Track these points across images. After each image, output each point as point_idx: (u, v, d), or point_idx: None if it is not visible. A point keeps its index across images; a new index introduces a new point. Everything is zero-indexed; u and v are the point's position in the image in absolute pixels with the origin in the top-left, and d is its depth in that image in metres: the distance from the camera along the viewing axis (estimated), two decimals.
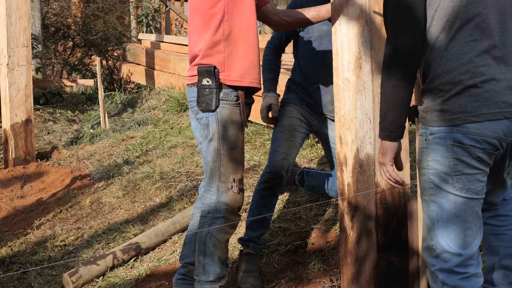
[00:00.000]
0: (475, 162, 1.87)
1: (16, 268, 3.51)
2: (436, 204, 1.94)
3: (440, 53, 1.88)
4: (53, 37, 10.41)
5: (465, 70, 1.84)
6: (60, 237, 3.86)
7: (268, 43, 3.19)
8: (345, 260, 2.46)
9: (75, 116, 7.21)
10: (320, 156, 4.14)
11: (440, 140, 1.89)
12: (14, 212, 4.39)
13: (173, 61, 6.89)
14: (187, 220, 3.57)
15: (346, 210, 2.43)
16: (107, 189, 4.60)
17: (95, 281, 3.22)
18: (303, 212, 3.45)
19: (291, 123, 3.03)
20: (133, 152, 5.42)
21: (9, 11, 5.31)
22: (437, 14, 1.88)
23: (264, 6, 2.71)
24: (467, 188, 1.89)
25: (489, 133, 1.84)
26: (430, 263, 1.98)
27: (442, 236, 1.92)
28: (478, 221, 1.94)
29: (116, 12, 10.91)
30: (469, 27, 1.85)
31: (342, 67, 2.37)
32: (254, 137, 4.82)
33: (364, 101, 2.30)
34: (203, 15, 2.48)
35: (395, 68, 1.89)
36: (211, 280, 2.51)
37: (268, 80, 3.12)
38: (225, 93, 2.48)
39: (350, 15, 2.30)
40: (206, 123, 2.49)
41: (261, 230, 2.99)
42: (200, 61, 2.49)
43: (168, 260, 3.29)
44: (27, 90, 5.45)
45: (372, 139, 2.29)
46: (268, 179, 2.96)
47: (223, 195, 2.48)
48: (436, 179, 1.92)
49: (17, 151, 5.37)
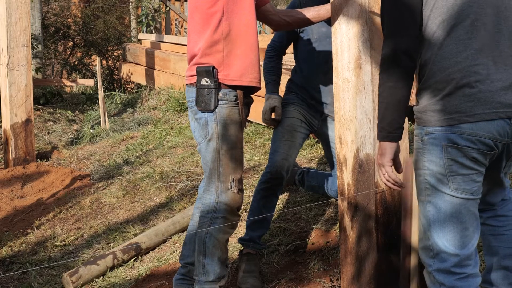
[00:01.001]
0: (470, 163, 1.87)
1: (16, 268, 3.52)
2: (432, 205, 1.94)
3: (435, 52, 1.88)
4: (53, 37, 10.41)
5: (459, 68, 1.84)
6: (60, 237, 3.86)
7: (269, 46, 3.19)
8: (345, 260, 2.46)
9: (75, 116, 7.21)
10: (320, 156, 4.14)
11: (435, 141, 1.89)
12: (14, 212, 4.39)
13: (173, 61, 6.89)
14: (187, 220, 3.57)
15: (346, 210, 2.43)
16: (107, 189, 4.60)
17: (95, 281, 3.23)
18: (303, 212, 3.45)
19: (292, 123, 3.04)
20: (133, 152, 5.42)
21: (9, 11, 5.31)
22: (433, 13, 1.88)
23: (263, 6, 2.71)
24: (462, 188, 1.89)
25: (484, 134, 1.83)
26: (427, 263, 1.98)
27: (439, 236, 1.93)
28: (474, 221, 1.94)
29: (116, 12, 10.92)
30: (464, 26, 1.85)
31: (342, 67, 2.37)
32: (254, 137, 4.82)
33: (364, 101, 2.30)
34: (202, 14, 2.48)
35: (392, 69, 1.89)
36: (211, 280, 2.51)
37: (271, 82, 3.12)
38: (224, 93, 2.48)
39: (349, 15, 2.30)
40: (205, 123, 2.49)
41: (261, 230, 2.99)
42: (199, 60, 2.49)
43: (168, 260, 3.30)
44: (27, 90, 5.45)
45: (372, 139, 2.29)
46: (268, 179, 2.96)
47: (222, 195, 2.48)
48: (432, 180, 1.92)
49: (17, 151, 5.37)
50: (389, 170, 1.97)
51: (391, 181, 1.98)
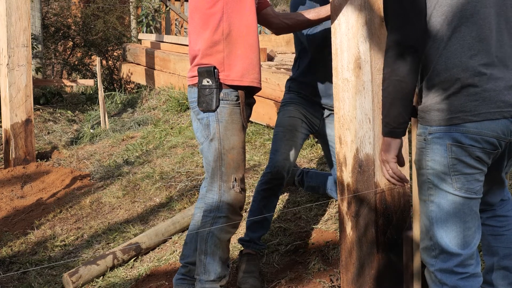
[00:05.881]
0: (474, 162, 1.87)
1: (16, 268, 3.52)
2: (435, 204, 1.93)
3: (439, 51, 1.88)
4: (53, 37, 10.42)
5: (463, 68, 1.84)
6: (60, 237, 3.86)
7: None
8: (345, 260, 2.46)
9: (75, 116, 7.22)
10: (320, 156, 4.14)
11: (439, 140, 1.89)
12: (14, 212, 4.39)
13: (173, 61, 6.90)
14: (187, 220, 3.57)
15: (346, 210, 2.43)
16: (107, 189, 4.60)
17: (95, 281, 3.23)
18: (303, 212, 3.46)
19: (293, 123, 3.02)
20: (133, 152, 5.43)
21: (9, 11, 5.31)
22: (435, 11, 1.87)
23: (264, 10, 2.72)
24: (466, 187, 1.89)
25: (488, 133, 1.83)
26: (429, 263, 1.97)
27: (441, 236, 1.92)
28: (476, 221, 1.94)
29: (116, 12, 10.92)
30: (467, 25, 1.85)
31: (341, 67, 2.37)
32: (254, 137, 4.82)
33: (364, 101, 2.30)
34: (202, 14, 2.49)
35: (398, 63, 1.87)
36: (212, 279, 2.52)
37: None
38: (225, 93, 2.48)
39: (349, 14, 2.30)
40: (207, 123, 2.49)
41: (261, 231, 2.99)
42: (200, 61, 2.49)
43: (168, 260, 3.30)
44: (27, 90, 5.45)
45: (371, 139, 2.29)
46: (269, 180, 2.96)
47: (225, 194, 2.49)
48: (434, 179, 1.92)
49: (17, 151, 5.37)
50: (393, 166, 1.95)
51: (396, 177, 1.96)
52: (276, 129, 3.06)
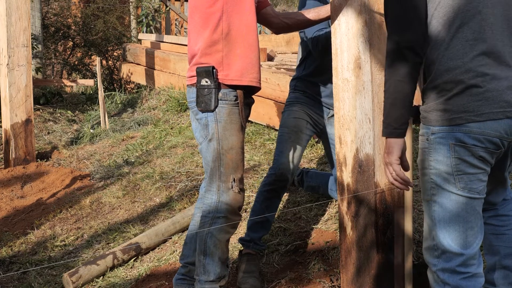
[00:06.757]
0: (477, 162, 1.87)
1: (16, 268, 3.52)
2: (438, 204, 1.93)
3: (442, 52, 1.88)
4: (53, 37, 10.42)
5: (466, 69, 1.84)
6: (60, 237, 3.86)
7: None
8: (345, 260, 2.46)
9: (75, 116, 7.22)
10: (320, 156, 4.14)
11: (442, 140, 1.88)
12: (14, 212, 4.39)
13: (173, 61, 6.90)
14: (187, 220, 3.57)
15: (346, 210, 2.43)
16: (107, 189, 4.60)
17: (95, 281, 3.23)
18: (303, 212, 3.45)
19: (298, 124, 3.01)
20: (133, 152, 5.43)
21: (9, 11, 5.31)
22: (437, 12, 1.87)
23: (264, 9, 2.72)
24: (469, 187, 1.89)
25: (491, 132, 1.83)
26: (432, 263, 1.97)
27: (444, 236, 1.92)
28: (479, 221, 1.94)
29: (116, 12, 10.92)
30: (469, 25, 1.85)
31: (341, 67, 2.37)
32: (254, 137, 4.82)
33: (364, 101, 2.30)
34: (202, 13, 2.49)
35: (398, 64, 1.87)
36: (212, 279, 2.52)
37: None
38: (224, 93, 2.48)
39: (349, 15, 2.30)
40: (205, 123, 2.49)
41: (262, 231, 2.99)
42: (198, 60, 2.49)
43: (168, 260, 3.30)
44: (27, 90, 5.45)
45: (371, 139, 2.29)
46: (273, 181, 2.95)
47: (223, 194, 2.48)
48: (438, 179, 1.92)
49: (17, 151, 5.37)
50: (397, 168, 1.93)
51: (399, 180, 1.94)
52: (281, 130, 3.04)
